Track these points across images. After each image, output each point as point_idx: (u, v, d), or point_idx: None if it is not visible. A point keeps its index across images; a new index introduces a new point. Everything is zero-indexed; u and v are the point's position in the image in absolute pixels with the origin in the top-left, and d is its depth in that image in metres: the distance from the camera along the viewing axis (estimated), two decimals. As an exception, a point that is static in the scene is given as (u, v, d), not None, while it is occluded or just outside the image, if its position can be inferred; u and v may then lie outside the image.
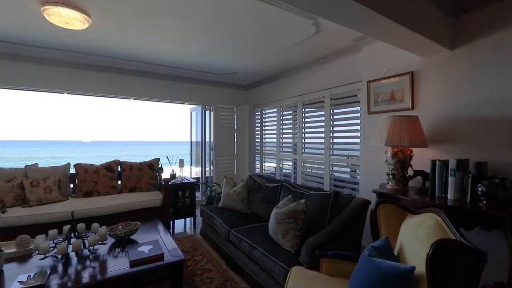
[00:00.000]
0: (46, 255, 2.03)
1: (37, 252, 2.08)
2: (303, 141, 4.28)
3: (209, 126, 5.74)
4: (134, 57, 3.99)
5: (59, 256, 2.06)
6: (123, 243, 2.39)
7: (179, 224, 4.35)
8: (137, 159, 4.40)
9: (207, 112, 5.76)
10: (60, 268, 1.95)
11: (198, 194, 5.18)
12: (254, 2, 2.36)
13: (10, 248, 2.13)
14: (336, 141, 3.71)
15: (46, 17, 2.50)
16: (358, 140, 3.36)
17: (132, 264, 1.98)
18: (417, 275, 1.34)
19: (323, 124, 3.83)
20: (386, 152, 2.46)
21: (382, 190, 2.36)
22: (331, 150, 3.73)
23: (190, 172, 6.10)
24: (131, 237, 2.51)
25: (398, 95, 2.74)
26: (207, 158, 5.79)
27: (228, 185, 3.59)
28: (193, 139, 6.15)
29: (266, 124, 5.33)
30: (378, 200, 1.96)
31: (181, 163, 4.55)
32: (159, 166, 4.30)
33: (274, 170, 5.05)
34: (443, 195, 2.09)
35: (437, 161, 2.15)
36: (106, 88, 4.60)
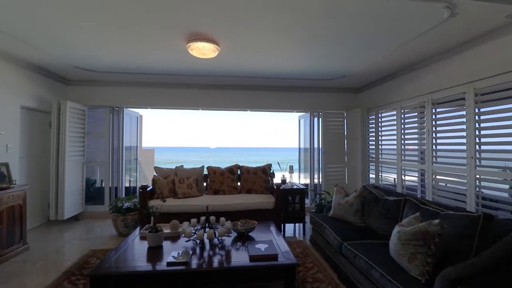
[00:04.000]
0: (190, 238, 2.53)
1: (183, 235, 2.61)
2: (434, 148, 3.56)
3: (318, 132, 5.67)
4: (250, 74, 4.51)
5: (198, 241, 2.52)
6: (243, 238, 2.69)
7: (289, 228, 4.47)
8: (251, 164, 4.85)
9: (315, 119, 5.72)
10: (197, 251, 2.38)
11: (306, 201, 5.18)
12: (370, -2, 2.19)
13: (166, 229, 2.78)
14: (485, 148, 2.89)
15: (190, 51, 3.18)
16: (523, 147, 2.50)
17: (252, 258, 2.18)
18: None
19: (463, 127, 3.08)
20: None
21: None
22: (477, 160, 2.94)
23: (298, 178, 6.20)
24: (249, 234, 2.78)
25: None
26: (315, 165, 5.73)
27: (339, 194, 3.42)
28: (302, 146, 6.24)
29: (383, 128, 4.77)
30: None
31: (291, 169, 4.68)
32: (271, 171, 4.58)
33: (393, 182, 4.44)
34: None
35: None
36: (229, 103, 5.39)
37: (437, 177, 3.51)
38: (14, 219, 3.27)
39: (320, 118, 5.61)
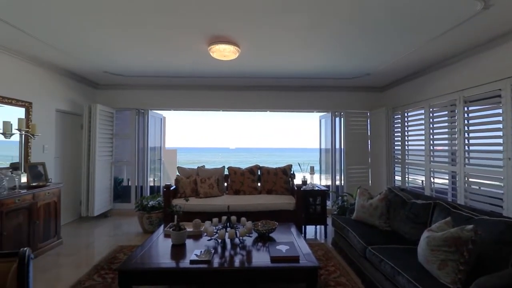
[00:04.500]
0: (211, 237, 2.57)
1: (205, 234, 2.65)
2: (467, 149, 3.36)
3: (339, 133, 5.54)
4: (270, 74, 4.50)
5: (219, 240, 2.56)
6: (264, 239, 2.68)
7: (309, 230, 4.40)
8: (271, 165, 4.84)
9: (337, 119, 5.59)
10: (219, 250, 2.41)
11: (328, 203, 5.08)
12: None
13: (189, 228, 2.84)
14: (526, 149, 2.67)
15: (211, 53, 3.24)
16: None
17: (273, 259, 2.18)
18: None
19: (499, 126, 2.88)
20: None
21: None
22: (515, 162, 2.73)
23: (319, 180, 6.09)
24: (270, 234, 2.77)
25: None
26: (337, 166, 5.60)
27: (362, 197, 3.32)
28: (323, 147, 6.12)
29: (410, 128, 4.57)
30: None
31: (312, 170, 4.61)
32: (292, 172, 4.55)
33: (421, 184, 4.23)
34: None
35: None
36: (249, 103, 5.42)
37: (470, 179, 3.29)
38: (49, 215, 3.51)
39: (342, 118, 5.48)
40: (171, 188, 4.08)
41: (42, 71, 4.00)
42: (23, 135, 3.57)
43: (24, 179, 3.46)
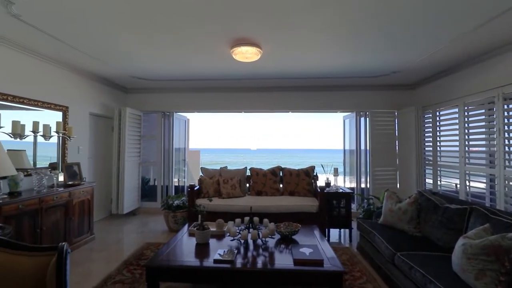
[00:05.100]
0: (234, 238, 2.59)
1: (228, 234, 2.68)
2: (507, 150, 3.10)
3: (365, 133, 5.35)
4: (293, 74, 4.46)
5: (242, 241, 2.57)
6: (287, 241, 2.65)
7: (333, 233, 4.29)
8: (293, 166, 4.79)
9: (362, 119, 5.41)
10: (242, 250, 2.42)
11: (352, 206, 4.92)
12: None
13: (212, 227, 2.89)
14: None
15: (233, 56, 3.27)
16: None
17: (296, 262, 2.14)
18: None
19: (547, 125, 2.61)
20: None
21: None
22: None
23: (343, 182, 5.93)
24: (293, 237, 2.74)
25: None
26: (362, 168, 5.41)
27: (390, 200, 3.17)
28: (347, 148, 5.95)
29: (442, 128, 4.31)
30: None
31: (336, 172, 4.50)
32: (314, 173, 4.46)
33: (455, 187, 3.97)
34: None
35: None
36: (271, 104, 5.41)
37: (511, 183, 3.03)
38: (83, 212, 3.74)
39: (368, 118, 5.29)
40: (195, 188, 4.18)
41: (77, 78, 4.28)
42: (60, 137, 3.84)
43: (61, 178, 3.72)
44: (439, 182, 4.34)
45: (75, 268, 2.98)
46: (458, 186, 3.86)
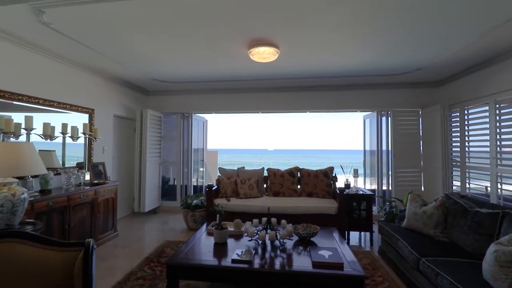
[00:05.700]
0: (252, 238, 2.60)
1: (246, 234, 2.69)
2: (545, 150, 2.87)
3: (386, 133, 5.17)
4: (311, 74, 4.40)
5: (260, 242, 2.56)
6: (305, 242, 2.61)
7: (353, 236, 4.18)
8: (311, 167, 4.72)
9: (383, 118, 5.23)
10: (259, 251, 2.42)
11: (374, 208, 4.77)
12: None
13: (230, 227, 2.91)
14: None
15: (251, 57, 3.28)
16: None
17: (315, 265, 2.11)
18: None
19: None
20: None
21: None
22: None
23: (364, 183, 5.76)
24: (311, 239, 2.69)
25: None
26: (383, 169, 5.23)
27: (414, 203, 3.04)
28: (367, 148, 5.78)
29: (471, 127, 4.07)
30: None
31: (356, 173, 4.38)
32: (333, 174, 4.37)
33: (485, 191, 3.73)
34: None
35: None
36: (289, 105, 5.37)
37: (551, 187, 2.80)
38: (108, 209, 3.90)
39: (389, 118, 5.10)
40: (213, 188, 4.23)
41: (102, 81, 4.48)
42: (87, 138, 4.04)
43: (87, 177, 3.90)
44: (467, 185, 4.10)
45: (100, 263, 3.11)
46: (489, 189, 3.63)
